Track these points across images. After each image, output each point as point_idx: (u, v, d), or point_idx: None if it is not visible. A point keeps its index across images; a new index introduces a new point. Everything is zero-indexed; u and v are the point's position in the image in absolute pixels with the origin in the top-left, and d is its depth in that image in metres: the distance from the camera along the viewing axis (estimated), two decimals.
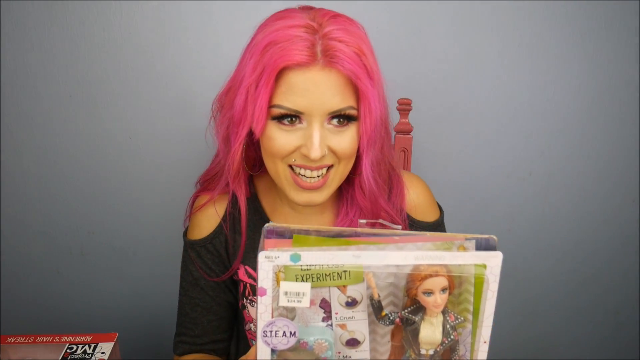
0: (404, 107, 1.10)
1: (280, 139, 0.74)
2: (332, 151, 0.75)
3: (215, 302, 0.92)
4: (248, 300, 0.90)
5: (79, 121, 1.19)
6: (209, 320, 0.92)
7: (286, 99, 0.71)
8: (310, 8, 0.77)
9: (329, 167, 0.77)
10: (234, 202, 0.89)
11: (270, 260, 0.60)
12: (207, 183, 0.92)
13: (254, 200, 0.90)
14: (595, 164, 1.32)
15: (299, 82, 0.71)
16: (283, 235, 0.63)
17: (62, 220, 1.25)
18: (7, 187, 1.22)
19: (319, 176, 0.77)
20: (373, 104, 0.74)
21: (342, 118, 0.74)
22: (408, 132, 1.11)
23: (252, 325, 0.93)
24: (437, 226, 0.94)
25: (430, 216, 0.94)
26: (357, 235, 0.63)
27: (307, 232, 0.63)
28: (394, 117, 1.11)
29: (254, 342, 0.96)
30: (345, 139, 0.75)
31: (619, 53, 1.23)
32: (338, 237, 0.63)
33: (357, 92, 0.74)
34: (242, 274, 0.90)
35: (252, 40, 0.77)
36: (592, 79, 1.25)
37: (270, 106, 0.72)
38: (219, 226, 0.90)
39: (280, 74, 0.71)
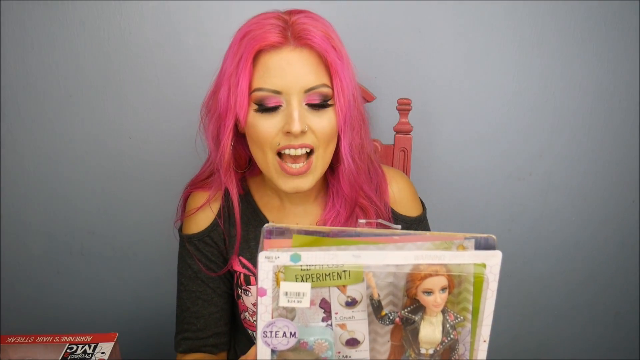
0: (404, 107, 1.10)
1: (263, 125, 0.79)
2: (312, 131, 0.79)
3: (216, 294, 0.93)
4: (242, 290, 0.91)
5: (79, 121, 1.19)
6: (211, 312, 0.93)
7: (264, 81, 0.77)
8: (286, 11, 0.83)
9: (311, 152, 0.81)
10: (226, 197, 0.91)
11: (270, 260, 0.60)
12: (199, 183, 0.95)
13: (246, 195, 0.93)
14: (595, 164, 1.32)
15: (274, 63, 0.76)
16: (282, 235, 0.63)
17: (62, 220, 1.25)
18: (7, 187, 1.22)
19: (303, 163, 0.80)
20: (344, 81, 0.79)
21: (318, 105, 0.79)
22: (408, 132, 1.11)
23: (246, 314, 0.94)
24: (420, 222, 0.96)
25: (413, 211, 0.95)
26: (356, 235, 0.63)
27: (306, 232, 0.63)
28: (394, 117, 1.11)
29: (249, 331, 0.97)
30: (323, 120, 0.79)
31: (619, 53, 1.23)
32: (338, 237, 0.63)
33: (329, 73, 0.79)
34: (235, 264, 0.91)
35: (230, 43, 0.83)
36: (592, 79, 1.25)
37: (252, 91, 0.78)
38: (215, 220, 0.92)
39: (256, 58, 0.77)
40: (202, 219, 0.92)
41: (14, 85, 1.15)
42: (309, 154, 0.81)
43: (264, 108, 0.78)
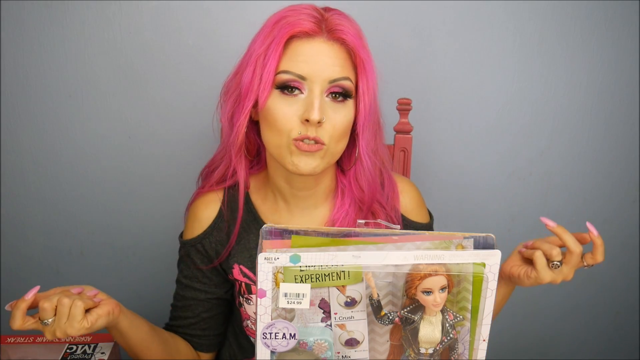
0: (404, 107, 1.10)
1: (283, 109, 0.79)
2: (328, 123, 0.79)
3: (211, 297, 0.95)
4: (244, 299, 0.91)
5: (79, 121, 1.19)
6: (199, 313, 0.95)
7: (291, 65, 0.78)
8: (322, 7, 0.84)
9: (322, 146, 0.80)
10: (229, 193, 0.92)
11: (269, 261, 0.60)
12: (206, 178, 0.94)
13: (247, 202, 0.92)
14: (595, 164, 1.32)
15: (305, 50, 0.78)
16: (281, 236, 0.63)
17: (62, 220, 1.25)
18: (7, 187, 1.22)
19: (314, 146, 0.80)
20: (371, 81, 0.81)
21: (339, 94, 0.79)
22: (408, 132, 1.11)
23: (249, 322, 0.93)
24: (429, 229, 0.96)
25: (423, 219, 0.96)
26: (355, 235, 0.63)
27: (305, 233, 0.63)
28: (394, 117, 1.11)
29: (252, 338, 0.96)
30: (340, 115, 0.79)
31: (619, 53, 1.23)
32: (337, 237, 0.63)
33: (355, 70, 0.81)
34: (237, 274, 0.91)
35: (261, 27, 0.83)
36: (592, 79, 1.25)
37: (277, 73, 0.78)
38: (219, 212, 0.92)
39: (288, 43, 0.78)
40: (205, 217, 0.92)
41: (14, 85, 1.16)
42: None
43: (287, 88, 0.79)
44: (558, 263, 0.77)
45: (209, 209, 0.92)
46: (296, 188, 0.88)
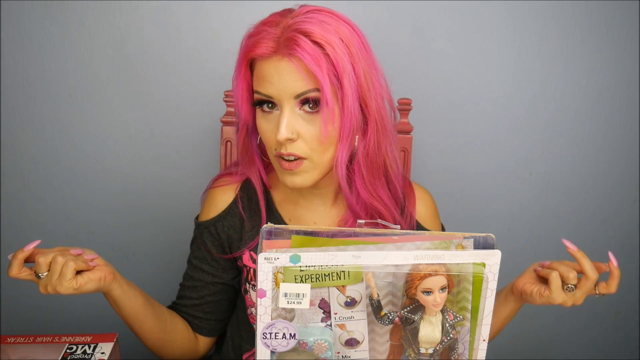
0: (404, 107, 1.10)
1: (263, 126, 0.81)
2: (302, 138, 0.78)
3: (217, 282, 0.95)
4: (250, 285, 0.91)
5: (79, 121, 1.19)
6: (203, 295, 0.95)
7: (259, 85, 0.79)
8: (301, 6, 0.82)
9: (302, 160, 0.80)
10: (245, 188, 0.93)
11: (270, 261, 0.60)
12: (230, 169, 0.97)
13: (265, 193, 0.93)
14: (595, 164, 1.32)
15: (265, 70, 0.78)
16: (281, 236, 0.63)
17: (62, 220, 1.25)
18: (7, 187, 1.22)
19: (295, 159, 0.80)
20: (347, 83, 0.77)
21: (313, 103, 0.78)
22: (408, 132, 1.11)
23: (253, 309, 0.93)
24: None
25: (436, 228, 0.98)
26: (355, 235, 0.63)
27: (305, 233, 0.63)
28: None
29: (255, 326, 0.96)
30: (316, 126, 0.78)
31: (619, 53, 1.23)
32: (337, 237, 0.63)
33: (329, 76, 0.77)
34: (246, 259, 0.91)
35: None
36: (592, 79, 1.25)
37: (253, 92, 0.81)
38: (235, 200, 0.93)
39: (253, 64, 0.80)
40: (222, 200, 0.93)
41: (14, 85, 1.16)
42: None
43: (262, 108, 0.81)
44: (573, 286, 0.78)
45: (226, 194, 0.93)
46: (307, 188, 0.88)
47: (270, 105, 0.79)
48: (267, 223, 0.66)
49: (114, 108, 1.18)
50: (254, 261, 0.90)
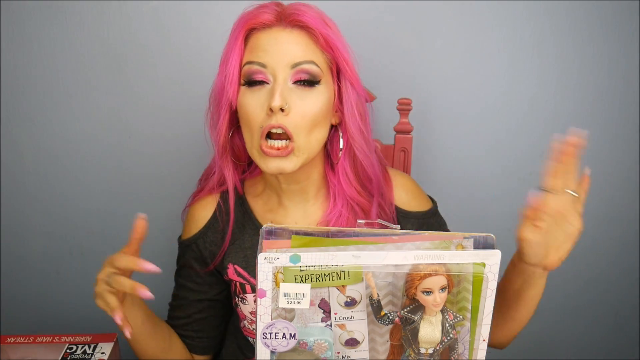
0: (404, 107, 1.10)
1: (250, 102, 0.80)
2: (294, 113, 0.78)
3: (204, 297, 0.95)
4: (239, 298, 0.91)
5: (79, 121, 1.19)
6: (191, 314, 0.95)
7: (252, 56, 0.80)
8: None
9: (290, 143, 0.80)
10: (223, 198, 0.92)
11: (269, 261, 0.60)
12: (204, 182, 0.95)
13: (242, 203, 0.93)
14: (595, 164, 1.31)
15: (264, 40, 0.79)
16: (281, 236, 0.63)
17: (62, 220, 1.25)
18: (7, 187, 1.22)
19: (285, 142, 0.79)
20: (348, 58, 0.82)
21: (305, 81, 0.79)
22: (408, 132, 1.11)
23: (245, 322, 0.93)
24: (433, 215, 0.96)
25: (423, 206, 0.95)
26: (355, 235, 0.63)
27: (305, 233, 0.63)
28: (394, 117, 1.11)
29: (250, 338, 0.97)
30: (307, 102, 0.79)
31: (619, 53, 1.23)
32: (337, 237, 0.63)
33: (324, 54, 0.81)
34: (231, 274, 0.91)
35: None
36: (592, 79, 1.24)
37: (242, 67, 0.80)
38: (214, 213, 0.92)
39: (248, 37, 0.81)
40: (201, 216, 0.93)
41: (14, 85, 1.15)
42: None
43: (251, 81, 0.80)
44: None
45: (205, 210, 0.93)
46: (286, 182, 0.88)
47: (257, 82, 0.79)
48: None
49: (114, 108, 1.18)
50: (239, 274, 0.90)
